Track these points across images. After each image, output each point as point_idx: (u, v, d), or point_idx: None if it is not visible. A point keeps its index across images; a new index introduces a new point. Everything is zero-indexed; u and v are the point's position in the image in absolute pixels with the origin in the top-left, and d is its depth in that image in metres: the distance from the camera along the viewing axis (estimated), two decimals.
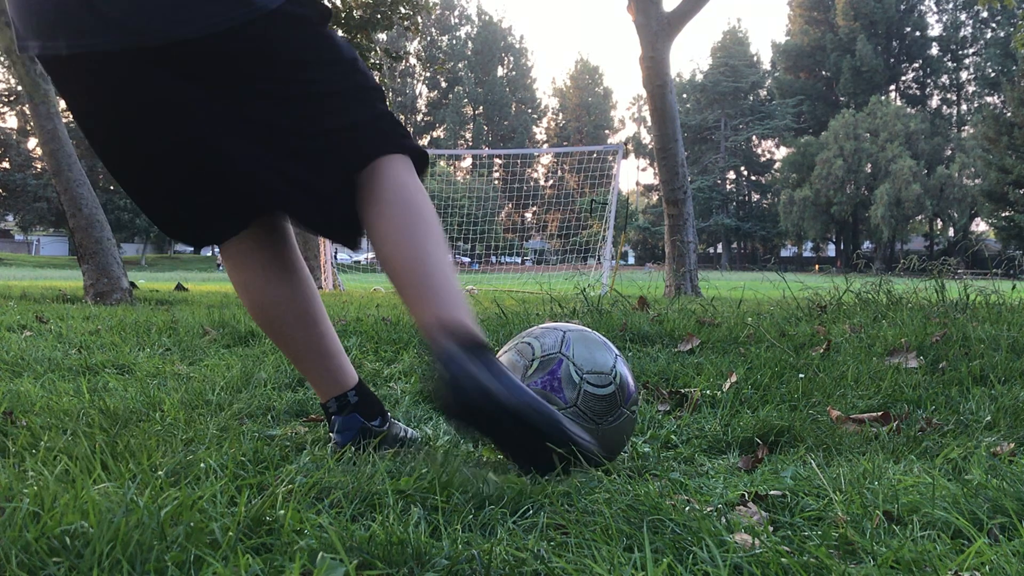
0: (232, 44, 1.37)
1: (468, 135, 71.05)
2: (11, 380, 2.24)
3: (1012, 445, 1.60)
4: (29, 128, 40.76)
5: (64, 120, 6.87)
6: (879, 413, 1.87)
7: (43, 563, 0.91)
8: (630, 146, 65.38)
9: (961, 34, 62.58)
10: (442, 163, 49.84)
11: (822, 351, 2.69)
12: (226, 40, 1.36)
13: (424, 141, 69.50)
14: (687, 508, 1.16)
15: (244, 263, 1.58)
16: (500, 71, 73.31)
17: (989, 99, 56.99)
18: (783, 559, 0.97)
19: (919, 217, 54.02)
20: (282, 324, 1.59)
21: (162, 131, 1.41)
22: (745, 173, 67.25)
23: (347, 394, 1.59)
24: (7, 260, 40.79)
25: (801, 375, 2.27)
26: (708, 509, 1.17)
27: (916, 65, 64.05)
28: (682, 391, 2.16)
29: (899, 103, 60.78)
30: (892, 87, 64.26)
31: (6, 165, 45.55)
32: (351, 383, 1.61)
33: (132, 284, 6.58)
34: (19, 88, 10.12)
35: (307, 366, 1.61)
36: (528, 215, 48.07)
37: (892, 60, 63.32)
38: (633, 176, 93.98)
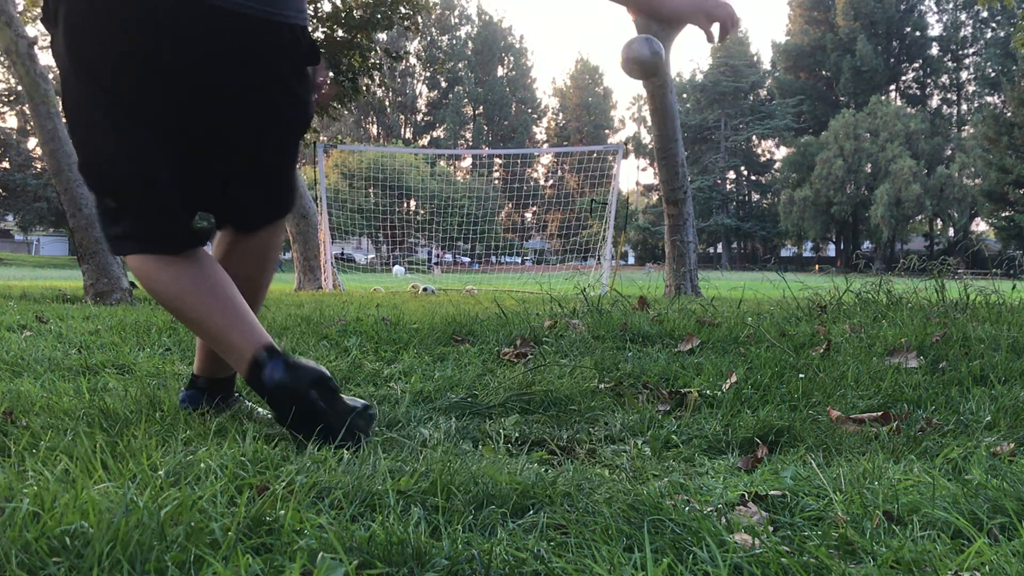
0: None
1: (468, 135, 71.05)
2: (11, 380, 2.24)
3: (1012, 445, 1.60)
4: (29, 128, 40.76)
5: (64, 120, 6.85)
6: (879, 413, 1.87)
7: (43, 563, 0.91)
8: (630, 146, 65.37)
9: (961, 34, 62.58)
10: (442, 163, 49.84)
11: (822, 351, 2.68)
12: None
13: (424, 141, 69.59)
14: (687, 508, 1.16)
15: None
16: (500, 71, 73.31)
17: (989, 99, 57.02)
18: (783, 559, 0.97)
19: (919, 217, 54.03)
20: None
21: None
22: (745, 173, 67.23)
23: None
24: (7, 260, 40.77)
25: (801, 375, 2.27)
26: (708, 509, 1.17)
27: (916, 65, 64.05)
28: (682, 391, 2.16)
29: (899, 103, 60.80)
30: (892, 87, 64.27)
31: (6, 165, 45.53)
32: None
33: (132, 284, 6.56)
34: (19, 88, 10.11)
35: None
36: (528, 215, 48.02)
37: (892, 60, 63.31)
38: (633, 176, 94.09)
